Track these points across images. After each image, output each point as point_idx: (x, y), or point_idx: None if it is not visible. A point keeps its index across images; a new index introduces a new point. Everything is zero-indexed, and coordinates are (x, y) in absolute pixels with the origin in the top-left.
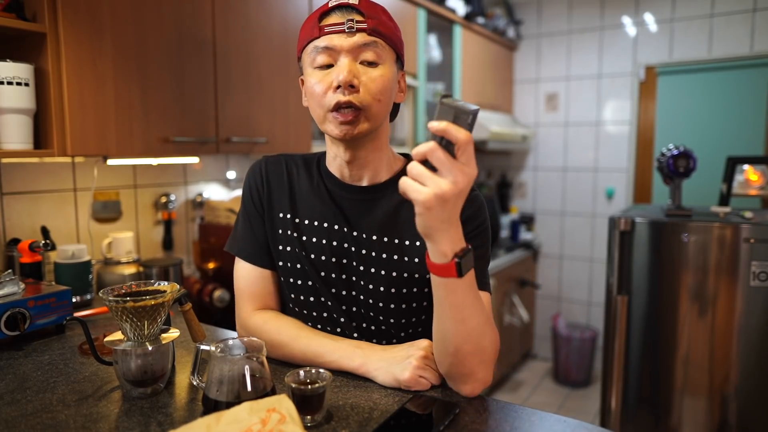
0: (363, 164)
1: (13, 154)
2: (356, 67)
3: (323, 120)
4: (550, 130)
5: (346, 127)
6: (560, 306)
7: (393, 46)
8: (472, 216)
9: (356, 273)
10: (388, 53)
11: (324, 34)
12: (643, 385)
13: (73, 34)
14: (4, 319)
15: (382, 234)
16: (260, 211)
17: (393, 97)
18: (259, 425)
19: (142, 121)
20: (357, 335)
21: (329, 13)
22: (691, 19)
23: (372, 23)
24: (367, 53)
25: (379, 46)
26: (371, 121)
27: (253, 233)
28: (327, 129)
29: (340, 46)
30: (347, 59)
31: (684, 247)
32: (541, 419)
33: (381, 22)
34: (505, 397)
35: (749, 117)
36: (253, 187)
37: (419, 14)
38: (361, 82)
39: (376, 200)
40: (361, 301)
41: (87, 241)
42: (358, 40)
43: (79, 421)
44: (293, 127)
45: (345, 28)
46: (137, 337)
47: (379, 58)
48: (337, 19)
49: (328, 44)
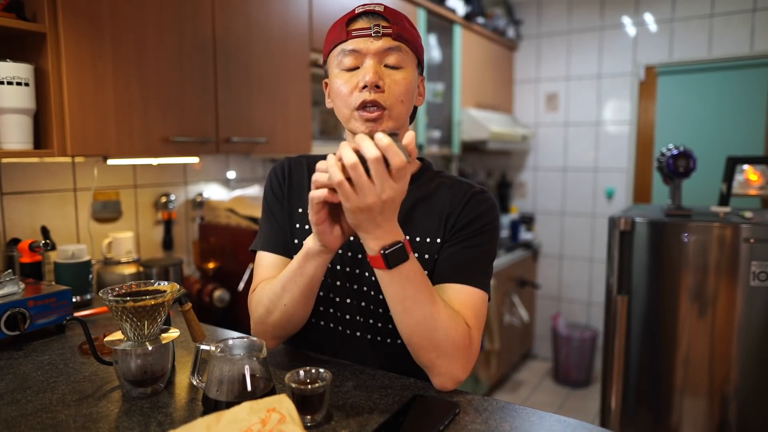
0: None
1: (13, 154)
2: (381, 69)
3: (349, 119)
4: (550, 130)
5: (371, 124)
6: (560, 306)
7: (415, 51)
8: (479, 215)
9: (368, 269)
10: (410, 58)
11: (351, 38)
12: (643, 385)
13: (73, 34)
14: (4, 319)
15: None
16: (281, 200)
17: (414, 100)
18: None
19: (142, 121)
20: (366, 331)
21: (356, 19)
22: (690, 19)
23: (397, 29)
24: (391, 57)
25: (403, 50)
26: (394, 120)
27: (275, 222)
28: (353, 127)
29: (366, 49)
30: (373, 62)
31: (684, 247)
32: (541, 419)
33: (405, 29)
34: (505, 397)
35: (749, 117)
36: (275, 181)
37: (419, 14)
38: (386, 84)
39: None
40: (372, 297)
41: (87, 241)
42: (383, 44)
43: (79, 421)
44: (293, 127)
45: (371, 33)
46: (137, 337)
47: (402, 61)
48: (364, 24)
49: (355, 47)
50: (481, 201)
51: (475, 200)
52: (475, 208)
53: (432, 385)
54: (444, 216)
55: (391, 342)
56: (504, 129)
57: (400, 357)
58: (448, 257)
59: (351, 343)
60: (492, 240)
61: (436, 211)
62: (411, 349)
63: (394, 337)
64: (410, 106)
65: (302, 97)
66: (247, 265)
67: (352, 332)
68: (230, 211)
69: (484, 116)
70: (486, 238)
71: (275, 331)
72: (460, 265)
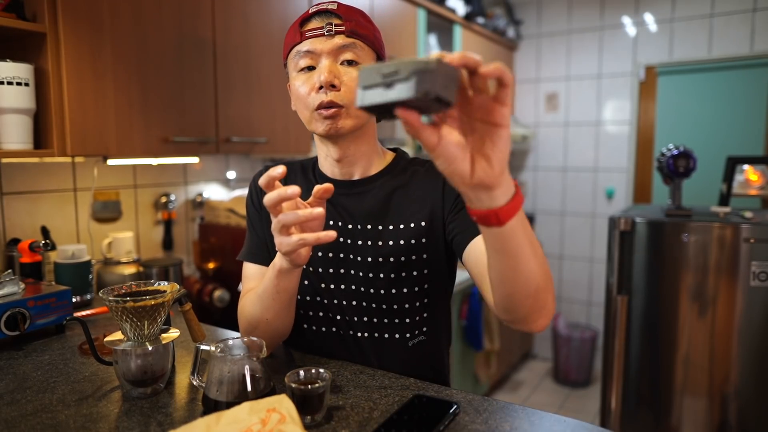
0: (352, 161)
1: (13, 154)
2: (337, 67)
3: (310, 120)
4: (550, 130)
5: (329, 122)
6: (560, 306)
7: (371, 46)
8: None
9: (353, 265)
10: (367, 53)
11: (305, 39)
12: (643, 385)
13: (72, 34)
14: (4, 319)
15: (375, 222)
16: (259, 210)
17: None
18: (259, 425)
19: (142, 121)
20: (356, 330)
21: (309, 19)
22: (691, 19)
23: (350, 26)
24: (347, 54)
25: (358, 46)
26: (354, 117)
27: (256, 234)
28: (314, 128)
29: (321, 49)
30: (328, 61)
31: (684, 247)
32: (541, 419)
33: (358, 24)
34: (505, 397)
35: (749, 117)
36: (253, 192)
37: (419, 14)
38: (343, 82)
39: (367, 192)
40: (361, 293)
41: (87, 241)
42: (337, 42)
43: (79, 421)
44: (293, 127)
45: (324, 32)
46: (137, 337)
47: (358, 57)
48: (317, 24)
49: (309, 48)
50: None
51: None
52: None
53: (432, 384)
54: (427, 201)
55: (389, 337)
56: None
57: (396, 352)
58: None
59: (347, 343)
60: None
61: (416, 196)
62: (532, 297)
63: (392, 331)
64: None
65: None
66: None
67: (345, 332)
68: (230, 211)
69: None
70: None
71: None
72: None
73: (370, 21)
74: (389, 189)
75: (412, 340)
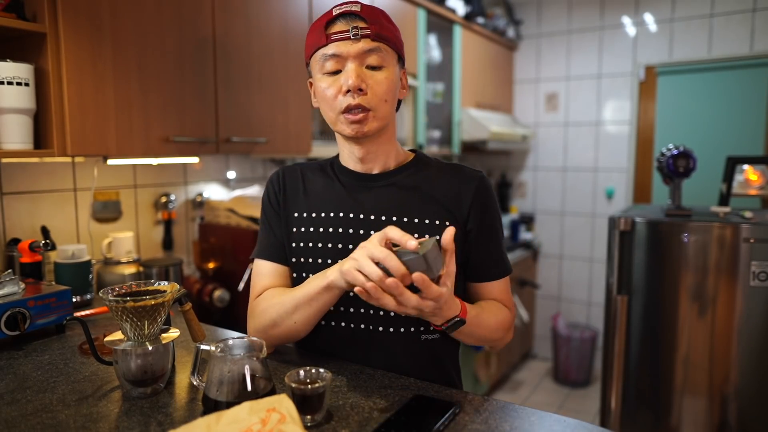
0: (374, 157)
1: (13, 154)
2: (363, 71)
3: (335, 122)
4: (550, 130)
5: (356, 126)
6: (560, 306)
7: (395, 47)
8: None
9: None
10: (390, 56)
11: (331, 42)
12: (643, 385)
13: (73, 34)
14: (4, 319)
15: (391, 215)
16: (277, 210)
17: (398, 95)
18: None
19: (142, 121)
20: (371, 324)
21: (334, 21)
22: (690, 19)
23: (375, 29)
24: (372, 57)
25: (383, 50)
26: (379, 119)
27: (272, 233)
28: (339, 129)
29: (347, 53)
30: (354, 64)
31: (684, 247)
32: (541, 419)
33: (383, 27)
34: (505, 397)
35: (749, 117)
36: (271, 191)
37: (419, 14)
38: (368, 85)
39: (386, 186)
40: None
41: (87, 241)
42: (363, 46)
43: (79, 420)
44: (293, 127)
45: (350, 35)
46: (137, 336)
47: (383, 61)
48: (342, 26)
49: (335, 51)
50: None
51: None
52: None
53: (432, 384)
54: (452, 200)
55: (404, 331)
56: (504, 129)
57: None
58: (483, 257)
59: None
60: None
61: (435, 194)
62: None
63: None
64: (394, 103)
65: (302, 97)
66: (247, 265)
67: (356, 325)
68: (230, 211)
69: (484, 116)
70: (501, 222)
71: (276, 341)
72: (493, 264)
73: (391, 20)
74: (408, 184)
75: (425, 334)
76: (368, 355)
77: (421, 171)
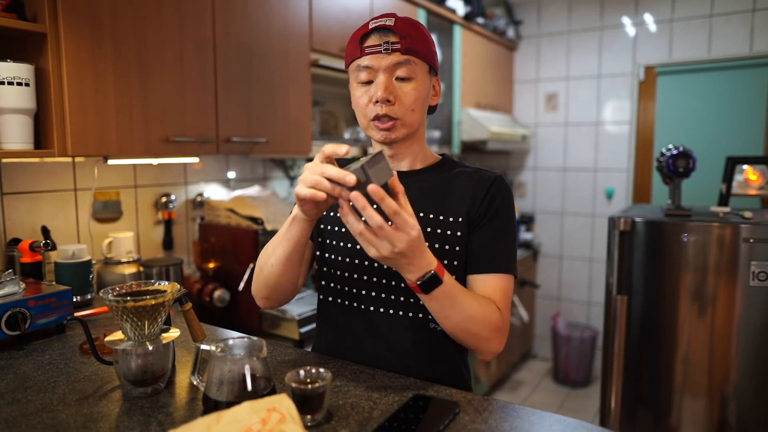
0: (402, 157)
1: (14, 154)
2: (392, 83)
3: (367, 127)
4: (550, 130)
5: (384, 133)
6: (560, 306)
7: (425, 59)
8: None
9: None
10: (420, 68)
11: (365, 54)
12: (643, 385)
13: (73, 34)
14: (4, 318)
15: (422, 210)
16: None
17: (427, 102)
18: (260, 425)
19: (142, 121)
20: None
21: (369, 35)
22: (690, 19)
23: (406, 43)
24: (401, 70)
25: (412, 63)
26: (407, 127)
27: None
28: (371, 134)
29: (378, 65)
30: (384, 77)
31: (684, 247)
32: (541, 419)
33: (413, 40)
34: (505, 396)
35: (749, 117)
36: None
37: (419, 14)
38: (397, 96)
39: (411, 183)
40: (392, 273)
41: (87, 241)
42: (393, 59)
43: (80, 420)
44: (293, 127)
45: (382, 49)
46: (137, 336)
47: (412, 73)
48: (375, 41)
49: (368, 63)
50: (503, 186)
51: (496, 185)
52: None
53: (432, 384)
54: (467, 199)
55: (413, 316)
56: (504, 129)
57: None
58: (479, 247)
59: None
60: (515, 223)
61: (458, 193)
62: (455, 339)
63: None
64: (423, 111)
65: (302, 97)
66: (247, 265)
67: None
68: (230, 211)
69: (484, 116)
70: (511, 223)
71: (263, 289)
72: (491, 256)
73: (423, 32)
74: (433, 182)
75: (433, 323)
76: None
77: (445, 172)
